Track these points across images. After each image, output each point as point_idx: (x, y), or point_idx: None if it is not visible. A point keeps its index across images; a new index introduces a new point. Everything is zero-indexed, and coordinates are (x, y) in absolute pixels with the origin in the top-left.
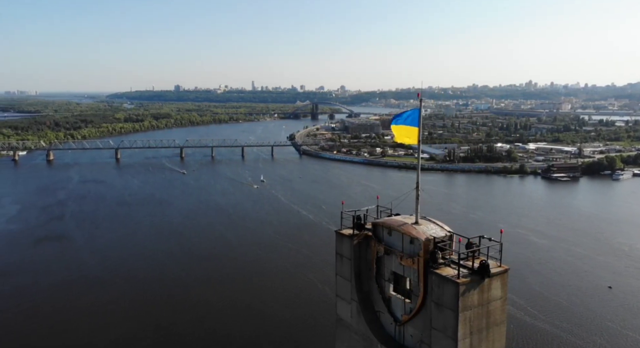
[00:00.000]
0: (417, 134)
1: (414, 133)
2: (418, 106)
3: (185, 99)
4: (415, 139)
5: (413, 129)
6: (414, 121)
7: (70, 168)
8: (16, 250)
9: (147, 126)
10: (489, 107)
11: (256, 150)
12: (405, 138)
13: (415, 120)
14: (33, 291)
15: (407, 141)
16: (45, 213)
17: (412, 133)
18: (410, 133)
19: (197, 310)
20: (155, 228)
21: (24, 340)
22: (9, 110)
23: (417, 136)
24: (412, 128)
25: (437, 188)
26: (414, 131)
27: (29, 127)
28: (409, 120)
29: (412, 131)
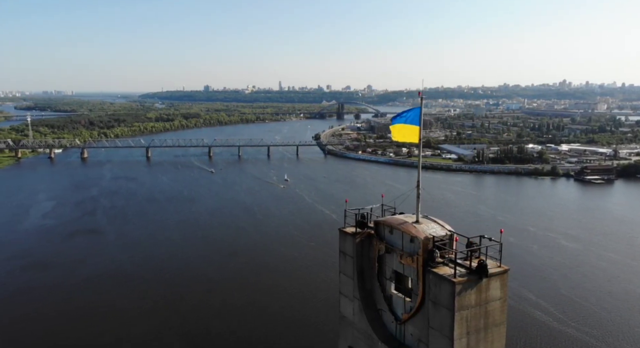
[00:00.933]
0: (418, 132)
1: (415, 132)
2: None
3: (214, 99)
4: (416, 138)
5: (414, 128)
6: (414, 120)
7: (103, 166)
8: (52, 244)
9: (177, 126)
10: (520, 107)
11: (281, 150)
12: (405, 137)
13: (417, 119)
14: (67, 284)
15: (406, 139)
16: (79, 209)
17: (413, 131)
18: (411, 132)
19: (219, 306)
20: (182, 224)
21: (57, 331)
22: (46, 109)
23: (418, 135)
24: (413, 127)
25: (465, 189)
26: (415, 130)
27: (64, 126)
28: (409, 119)
29: (413, 130)
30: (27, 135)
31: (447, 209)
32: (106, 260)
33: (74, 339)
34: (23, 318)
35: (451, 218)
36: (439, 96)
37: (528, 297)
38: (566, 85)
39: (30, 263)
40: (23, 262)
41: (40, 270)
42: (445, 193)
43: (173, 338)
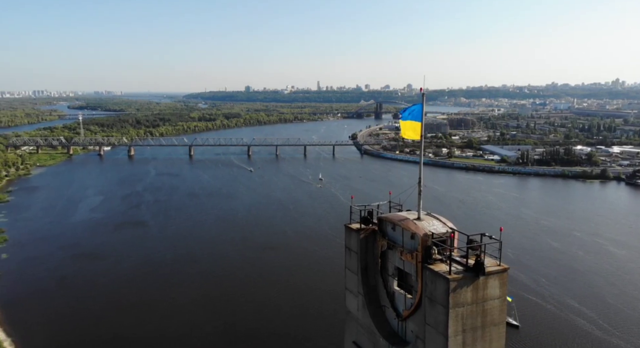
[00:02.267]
0: (420, 129)
1: (418, 128)
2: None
3: (254, 99)
4: (419, 135)
5: (418, 124)
6: (418, 116)
7: (148, 163)
8: (99, 236)
9: (218, 125)
10: (569, 107)
11: (318, 149)
12: (411, 133)
13: (419, 115)
14: (113, 274)
15: (412, 136)
16: (125, 203)
17: (417, 127)
18: (415, 128)
19: (254, 302)
20: (220, 219)
21: (101, 318)
22: (97, 109)
23: (420, 131)
24: (417, 123)
25: (508, 191)
26: (418, 126)
27: (113, 124)
28: (413, 115)
29: (417, 126)
30: (78, 133)
31: (488, 211)
32: (148, 253)
33: (116, 327)
34: (70, 303)
35: (492, 220)
36: (483, 95)
37: (570, 304)
38: (619, 84)
39: (80, 253)
40: (73, 252)
41: (88, 259)
42: (487, 195)
43: (208, 331)
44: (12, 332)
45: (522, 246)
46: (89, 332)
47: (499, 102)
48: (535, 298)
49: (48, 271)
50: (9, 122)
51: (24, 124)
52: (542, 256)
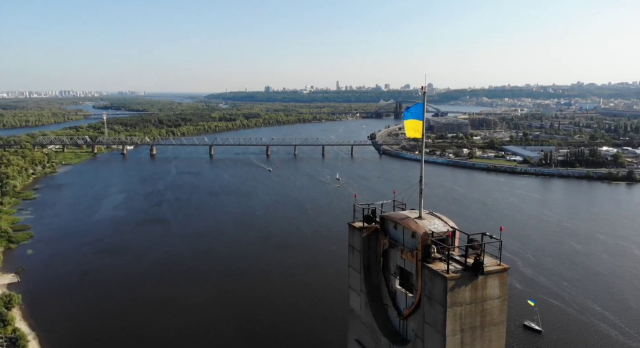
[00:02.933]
0: (421, 127)
1: (419, 127)
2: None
3: (274, 99)
4: (420, 133)
5: (419, 123)
6: (419, 115)
7: (170, 162)
8: (121, 232)
9: (238, 125)
10: (595, 107)
11: (336, 149)
12: (413, 132)
13: (420, 114)
14: (134, 270)
15: (414, 134)
16: (146, 201)
17: (419, 126)
18: (417, 126)
19: (271, 299)
20: (239, 218)
21: (123, 314)
22: (121, 108)
23: (421, 130)
24: (419, 122)
25: (530, 193)
26: (420, 125)
27: (136, 124)
28: (415, 114)
29: (419, 125)
30: (102, 132)
31: (509, 213)
32: (168, 250)
33: (135, 323)
34: (91, 298)
35: (513, 222)
36: (505, 95)
37: (592, 308)
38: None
39: (102, 250)
40: (96, 248)
41: (110, 256)
42: (508, 196)
43: (224, 329)
44: (36, 326)
45: (543, 248)
46: (108, 327)
47: (522, 102)
48: (557, 302)
49: (71, 266)
50: (36, 122)
51: (50, 124)
52: (565, 259)
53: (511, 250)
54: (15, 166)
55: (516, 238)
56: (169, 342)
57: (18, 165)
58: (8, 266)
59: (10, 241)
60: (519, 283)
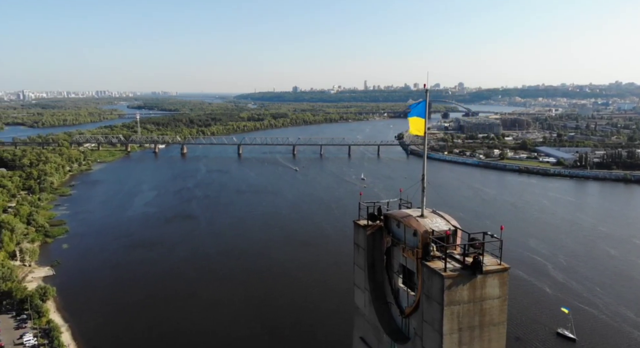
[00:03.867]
0: (424, 125)
1: (422, 124)
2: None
3: (301, 99)
4: (423, 131)
5: (422, 121)
6: (422, 113)
7: (200, 160)
8: (152, 228)
9: (266, 125)
10: (634, 107)
11: (362, 149)
12: (418, 130)
13: (423, 112)
14: (163, 265)
15: (417, 132)
16: (176, 197)
17: (422, 124)
18: (420, 125)
19: (293, 297)
20: (264, 216)
21: (150, 308)
22: (154, 108)
23: (424, 128)
24: (422, 120)
25: (563, 195)
26: (422, 122)
27: (168, 123)
28: (417, 112)
29: (422, 122)
30: (136, 132)
31: (540, 215)
32: (196, 246)
33: (162, 316)
34: (121, 291)
35: (545, 225)
36: (539, 95)
37: (627, 315)
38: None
39: (133, 244)
40: (127, 243)
41: (140, 251)
42: (540, 198)
43: (247, 326)
44: (69, 318)
45: (576, 253)
46: (136, 320)
47: (557, 101)
48: (590, 309)
49: (103, 260)
50: (73, 121)
51: (87, 123)
52: (598, 264)
53: (541, 253)
54: (53, 163)
55: (547, 242)
56: (194, 336)
57: (55, 162)
58: (44, 259)
59: (46, 236)
60: (549, 288)
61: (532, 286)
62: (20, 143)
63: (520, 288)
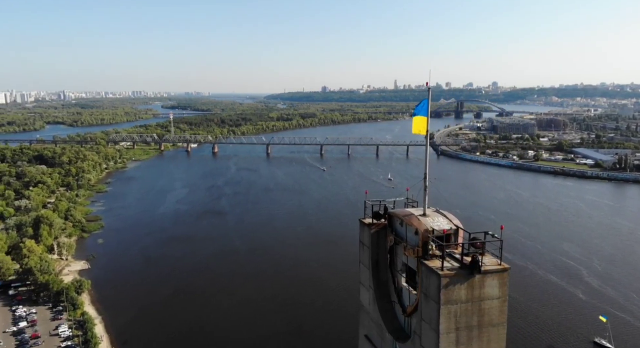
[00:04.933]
0: (426, 123)
1: (425, 123)
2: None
3: (330, 99)
4: (425, 130)
5: (425, 119)
6: (425, 111)
7: (230, 159)
8: (183, 224)
9: (294, 125)
10: None
11: (391, 149)
12: (419, 129)
13: (425, 110)
14: (193, 260)
15: (420, 131)
16: (207, 195)
17: (424, 123)
18: (423, 123)
19: (318, 295)
20: (291, 214)
21: (180, 302)
22: (187, 108)
23: (426, 126)
24: (424, 118)
25: (600, 198)
26: (425, 121)
27: (200, 123)
28: (421, 111)
29: (424, 121)
30: (169, 131)
31: (575, 219)
32: (225, 243)
33: (192, 312)
34: (152, 285)
35: (580, 229)
36: (577, 94)
37: None
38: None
39: (165, 239)
40: (160, 238)
41: (172, 246)
42: (576, 201)
43: (273, 324)
44: (102, 310)
45: (612, 258)
46: (166, 313)
47: (596, 101)
48: (627, 317)
49: (136, 255)
50: (110, 120)
51: (123, 122)
52: (635, 270)
53: (575, 258)
54: (90, 161)
55: (582, 246)
56: (222, 330)
57: (93, 160)
58: (80, 254)
59: (83, 231)
60: (583, 294)
61: (565, 292)
62: (60, 141)
63: (553, 293)
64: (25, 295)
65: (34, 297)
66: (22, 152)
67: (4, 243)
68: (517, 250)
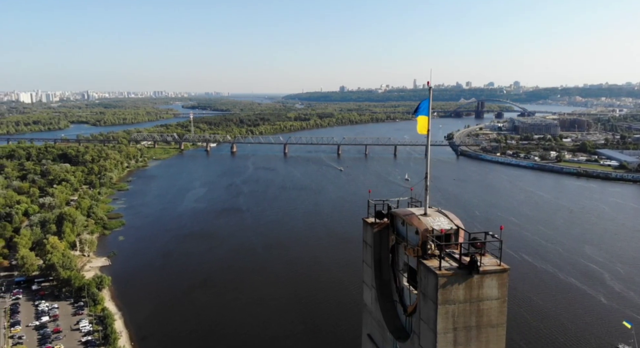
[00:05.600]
0: (427, 123)
1: (426, 123)
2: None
3: (348, 99)
4: (426, 129)
5: (426, 119)
6: (426, 111)
7: (248, 159)
8: (202, 222)
9: (312, 125)
10: None
11: (409, 149)
12: (421, 128)
13: (426, 110)
14: (210, 256)
15: (422, 131)
16: (225, 193)
17: (426, 122)
18: (425, 123)
19: (332, 292)
20: (307, 213)
21: (198, 298)
22: (207, 108)
23: (427, 126)
24: (426, 118)
25: (625, 201)
26: (426, 121)
27: (219, 123)
28: (422, 110)
29: (426, 121)
30: (189, 130)
31: (598, 221)
32: (242, 240)
33: (210, 308)
34: (171, 281)
35: (602, 232)
36: (602, 94)
37: None
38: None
39: (184, 237)
40: (179, 235)
41: (191, 243)
42: (599, 203)
43: (289, 324)
44: (122, 306)
45: (636, 262)
46: (185, 310)
47: (622, 101)
48: None
49: (156, 252)
50: (132, 120)
51: (144, 122)
52: None
53: (597, 261)
54: (112, 159)
55: (604, 249)
56: (238, 328)
57: (115, 159)
58: (101, 250)
59: (104, 228)
60: (605, 299)
61: (586, 296)
62: (83, 140)
63: (574, 296)
64: (48, 290)
65: (56, 292)
66: (47, 150)
67: (28, 239)
68: (537, 252)
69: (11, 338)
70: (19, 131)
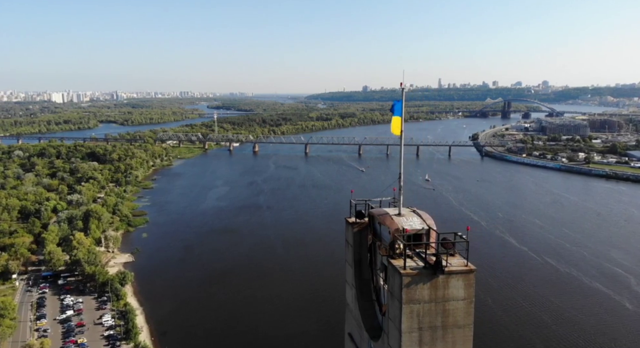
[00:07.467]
0: (400, 124)
1: (399, 123)
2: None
3: (370, 99)
4: (399, 130)
5: (399, 119)
6: (399, 111)
7: (270, 158)
8: (224, 219)
9: (334, 125)
10: None
11: (432, 149)
12: (395, 129)
13: (399, 110)
14: (232, 253)
15: (395, 132)
16: (247, 191)
17: (399, 123)
18: (398, 123)
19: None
20: (326, 212)
21: (219, 294)
22: (231, 108)
23: (400, 126)
24: (399, 118)
25: None
26: (399, 121)
27: (243, 123)
28: (396, 111)
29: (399, 121)
30: (213, 130)
31: (626, 224)
32: (263, 238)
33: (231, 303)
34: (193, 278)
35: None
36: (635, 94)
37: None
38: None
39: (206, 234)
40: (201, 233)
41: (213, 240)
42: (629, 207)
43: (307, 320)
44: (144, 302)
45: None
46: (205, 306)
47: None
48: None
49: (178, 249)
50: (158, 119)
51: (170, 122)
52: None
53: (624, 265)
54: (138, 158)
55: (632, 254)
56: (256, 324)
57: (141, 158)
58: (125, 247)
59: (129, 225)
60: (631, 304)
61: (611, 300)
62: (111, 139)
63: (597, 301)
64: (73, 285)
65: (81, 287)
66: (76, 149)
67: (55, 235)
68: (561, 255)
69: (37, 331)
70: (50, 130)
